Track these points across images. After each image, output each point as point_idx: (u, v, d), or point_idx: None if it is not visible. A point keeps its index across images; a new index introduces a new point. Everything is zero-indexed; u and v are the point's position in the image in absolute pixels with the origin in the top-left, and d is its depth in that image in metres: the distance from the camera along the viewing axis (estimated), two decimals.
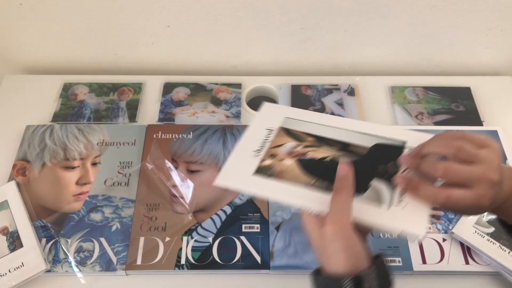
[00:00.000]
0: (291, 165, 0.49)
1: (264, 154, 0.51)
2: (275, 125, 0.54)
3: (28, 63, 0.94)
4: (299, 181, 0.47)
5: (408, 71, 0.94)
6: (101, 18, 0.82)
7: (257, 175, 0.49)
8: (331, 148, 0.50)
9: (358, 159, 0.49)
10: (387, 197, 0.45)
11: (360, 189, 0.45)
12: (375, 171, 0.47)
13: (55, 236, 0.67)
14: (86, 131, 0.77)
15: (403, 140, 0.49)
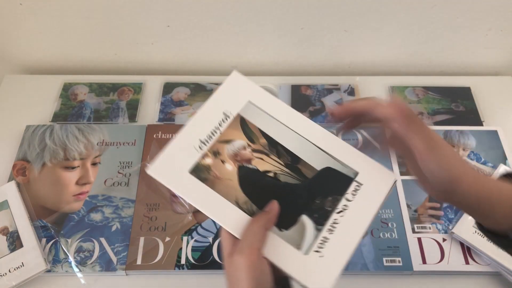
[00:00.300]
0: (230, 173, 0.45)
1: (209, 148, 0.45)
2: (233, 110, 0.47)
3: (28, 63, 0.93)
4: (230, 195, 0.43)
5: (408, 71, 0.94)
6: (101, 18, 0.82)
7: (193, 174, 0.44)
8: (280, 160, 0.45)
9: (299, 184, 0.44)
10: (309, 240, 0.41)
11: (288, 223, 0.42)
12: (311, 204, 0.43)
13: (55, 236, 0.67)
14: (86, 131, 0.77)
15: (356, 170, 0.44)
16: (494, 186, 0.40)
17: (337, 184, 0.44)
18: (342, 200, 0.43)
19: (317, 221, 0.42)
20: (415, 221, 0.68)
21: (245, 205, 0.43)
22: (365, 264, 0.64)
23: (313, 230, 0.42)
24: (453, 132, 0.77)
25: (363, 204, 0.43)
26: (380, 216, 0.68)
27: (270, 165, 0.45)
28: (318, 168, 0.45)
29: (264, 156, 0.46)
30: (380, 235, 0.66)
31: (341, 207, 0.43)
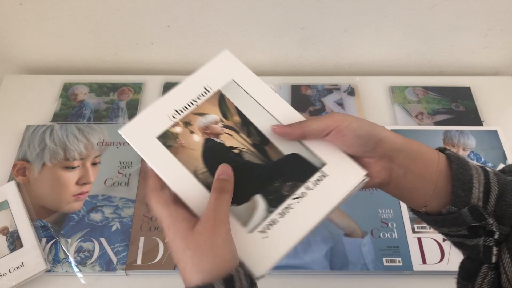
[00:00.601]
0: (196, 143, 0.45)
1: (181, 118, 0.46)
2: (215, 86, 0.47)
3: (28, 63, 0.94)
4: (190, 164, 0.43)
5: (408, 71, 0.94)
6: (101, 18, 0.82)
7: (160, 140, 0.44)
8: (248, 139, 0.45)
9: (262, 164, 0.43)
10: (257, 219, 0.41)
11: (240, 199, 0.42)
12: (269, 185, 0.42)
13: (55, 236, 0.67)
14: (86, 131, 0.77)
15: (324, 161, 0.43)
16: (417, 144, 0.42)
17: (300, 171, 0.43)
18: (302, 188, 0.42)
19: (271, 202, 0.41)
20: (415, 221, 0.68)
21: (202, 175, 0.42)
22: (365, 264, 0.64)
23: (264, 210, 0.41)
24: (453, 132, 0.77)
25: (323, 195, 0.42)
26: (380, 216, 0.68)
27: (237, 142, 0.45)
28: (285, 153, 0.44)
29: (233, 133, 0.45)
30: (380, 235, 0.66)
31: (299, 193, 0.42)
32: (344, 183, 0.42)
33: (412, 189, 0.41)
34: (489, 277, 0.38)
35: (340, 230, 0.67)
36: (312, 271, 0.64)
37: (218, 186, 0.40)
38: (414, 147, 0.41)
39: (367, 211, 0.68)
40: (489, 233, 0.38)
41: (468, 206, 0.37)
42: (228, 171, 0.41)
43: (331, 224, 0.67)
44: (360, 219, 0.67)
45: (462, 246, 0.42)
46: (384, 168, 0.41)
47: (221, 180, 0.41)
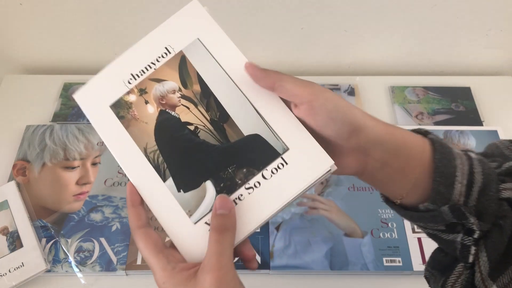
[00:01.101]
0: (150, 116, 0.40)
1: (136, 85, 0.41)
2: (177, 46, 0.41)
3: (28, 63, 0.94)
4: (141, 140, 0.39)
5: (408, 71, 0.94)
6: (101, 18, 0.82)
7: (112, 109, 0.40)
8: (206, 114, 0.40)
9: (217, 145, 0.39)
10: (204, 209, 0.37)
11: (189, 186, 0.38)
12: (222, 171, 0.38)
13: (55, 236, 0.67)
14: (86, 131, 0.77)
15: (287, 146, 0.38)
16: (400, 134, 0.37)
17: (259, 155, 0.38)
18: (257, 176, 0.38)
19: (221, 191, 0.38)
20: None
21: (152, 154, 0.39)
22: (365, 264, 0.64)
23: (213, 200, 0.37)
24: (453, 132, 0.77)
25: (279, 187, 0.37)
26: (380, 216, 0.68)
27: (194, 117, 0.40)
28: (245, 133, 0.39)
29: (191, 105, 0.40)
30: (380, 235, 0.66)
31: (253, 183, 0.37)
32: (303, 176, 0.37)
33: (389, 182, 0.37)
34: (463, 276, 0.36)
35: (340, 230, 0.67)
36: (312, 271, 0.64)
37: (217, 225, 0.35)
38: (397, 139, 0.36)
39: (367, 211, 0.68)
40: (468, 231, 0.35)
41: (449, 204, 0.34)
42: (228, 204, 0.36)
43: (331, 224, 0.67)
44: (360, 219, 0.67)
45: (436, 239, 0.38)
46: (357, 160, 0.37)
47: (220, 216, 0.35)
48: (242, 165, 0.38)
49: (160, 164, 0.39)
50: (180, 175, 0.39)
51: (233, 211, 0.36)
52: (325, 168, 0.37)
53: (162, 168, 0.39)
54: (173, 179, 0.39)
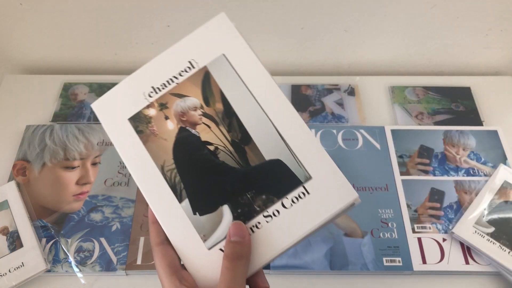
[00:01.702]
0: (169, 132, 0.39)
1: (157, 99, 0.39)
2: (202, 61, 0.40)
3: (28, 63, 0.94)
4: (159, 157, 0.38)
5: (408, 71, 0.94)
6: (101, 18, 0.82)
7: (131, 122, 0.39)
8: (228, 134, 0.38)
9: (237, 168, 0.37)
10: (219, 235, 0.36)
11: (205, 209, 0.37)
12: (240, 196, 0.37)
13: (55, 236, 0.67)
14: (86, 131, 0.77)
15: (309, 174, 0.36)
16: None
17: (280, 182, 0.36)
18: (277, 204, 0.36)
19: (238, 217, 0.36)
20: (415, 221, 0.68)
21: (169, 172, 0.38)
22: (365, 264, 0.64)
23: (229, 226, 0.36)
24: (453, 132, 0.77)
25: (299, 218, 0.36)
26: (380, 216, 0.68)
27: (214, 137, 0.39)
28: (267, 157, 0.37)
29: (212, 124, 0.39)
30: (380, 235, 0.66)
31: (272, 211, 0.36)
32: (325, 208, 0.35)
33: None
34: None
35: (340, 230, 0.67)
36: (312, 271, 0.64)
37: (230, 252, 0.34)
38: None
39: (367, 211, 0.68)
40: None
41: None
42: (243, 231, 0.35)
43: (331, 224, 0.67)
44: (360, 219, 0.67)
45: None
46: None
47: (233, 244, 0.34)
48: (261, 191, 0.37)
49: (177, 183, 0.37)
50: (197, 197, 0.37)
51: (248, 239, 0.35)
52: (349, 201, 0.35)
53: (179, 188, 0.38)
54: (190, 200, 0.37)
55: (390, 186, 0.71)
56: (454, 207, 0.69)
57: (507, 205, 0.67)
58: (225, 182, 0.37)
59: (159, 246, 0.36)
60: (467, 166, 0.74)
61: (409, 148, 0.75)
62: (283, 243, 0.35)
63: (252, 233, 0.36)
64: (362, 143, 0.76)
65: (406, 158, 0.74)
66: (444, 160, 0.74)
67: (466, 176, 0.72)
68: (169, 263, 0.35)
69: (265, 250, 0.35)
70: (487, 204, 0.67)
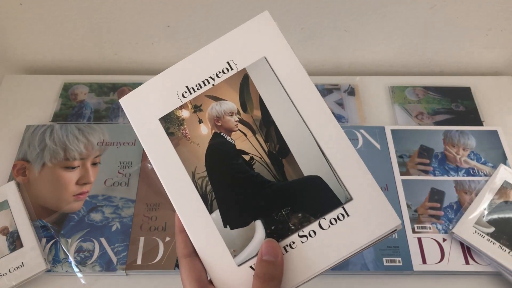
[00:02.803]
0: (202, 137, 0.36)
1: (191, 100, 0.37)
2: (241, 63, 0.37)
3: (28, 63, 0.93)
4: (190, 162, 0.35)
5: (408, 71, 0.94)
6: (101, 18, 0.82)
7: (161, 122, 0.37)
8: (265, 144, 0.36)
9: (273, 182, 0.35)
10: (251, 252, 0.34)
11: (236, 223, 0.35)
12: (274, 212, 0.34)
13: (55, 236, 0.67)
14: (86, 131, 0.77)
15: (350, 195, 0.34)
16: None
17: (318, 201, 0.34)
18: (313, 224, 0.34)
19: (271, 234, 0.34)
20: (415, 221, 0.68)
21: (200, 180, 0.36)
22: (365, 264, 0.64)
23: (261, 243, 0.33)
24: (453, 132, 0.77)
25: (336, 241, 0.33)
26: None
27: (250, 146, 0.36)
28: (306, 173, 0.35)
29: (249, 132, 0.36)
30: None
31: (308, 231, 0.34)
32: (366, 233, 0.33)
33: None
34: None
35: None
36: None
37: (262, 272, 0.32)
38: None
39: None
40: None
41: None
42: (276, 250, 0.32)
43: None
44: None
45: None
46: None
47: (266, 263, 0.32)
48: (298, 209, 0.34)
49: (208, 193, 0.35)
50: (229, 209, 0.35)
51: (281, 259, 0.32)
52: (391, 227, 0.33)
53: (210, 198, 0.35)
54: (221, 212, 0.35)
55: (390, 186, 0.71)
56: (454, 207, 0.69)
57: (507, 205, 0.67)
58: (260, 195, 0.35)
59: (186, 258, 0.34)
60: (467, 166, 0.74)
61: (409, 148, 0.75)
62: (317, 266, 0.33)
63: (285, 252, 0.34)
64: (362, 143, 0.76)
65: (406, 158, 0.74)
66: (444, 160, 0.74)
67: (466, 176, 0.72)
68: (197, 277, 0.33)
69: (298, 272, 0.33)
70: (487, 204, 0.67)
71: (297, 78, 0.36)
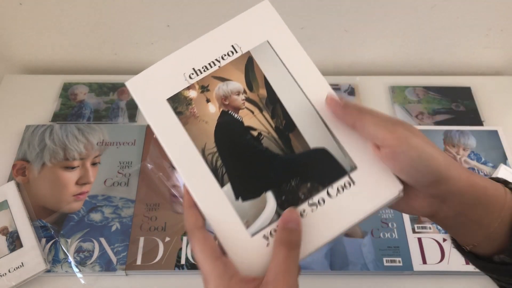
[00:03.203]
0: (210, 115, 0.38)
1: (198, 81, 0.39)
2: (245, 46, 0.39)
3: (28, 63, 0.93)
4: (199, 140, 0.37)
5: (408, 71, 0.94)
6: (101, 18, 0.82)
7: (169, 103, 0.38)
8: (271, 121, 0.38)
9: (281, 155, 0.37)
10: (263, 222, 0.35)
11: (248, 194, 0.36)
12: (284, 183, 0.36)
13: (55, 236, 0.66)
14: (86, 131, 0.77)
15: (355, 164, 0.36)
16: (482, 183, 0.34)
17: (325, 171, 0.36)
18: (322, 193, 0.36)
19: (282, 204, 0.35)
20: (415, 221, 0.68)
21: (210, 156, 0.37)
22: (365, 264, 0.63)
23: (273, 212, 0.35)
24: (453, 132, 0.77)
25: (345, 208, 0.35)
26: (380, 216, 0.68)
27: (257, 122, 0.38)
28: (312, 145, 0.37)
29: (256, 109, 0.38)
30: (380, 235, 0.66)
31: (317, 199, 0.35)
32: (371, 198, 0.35)
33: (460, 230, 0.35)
34: None
35: None
36: (312, 271, 0.64)
37: (287, 240, 0.33)
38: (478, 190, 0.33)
39: None
40: None
41: None
42: (298, 218, 0.34)
43: None
44: None
45: None
46: (431, 205, 0.35)
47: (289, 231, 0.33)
48: (306, 179, 0.36)
49: (218, 167, 0.36)
50: (240, 182, 0.36)
51: (301, 226, 0.34)
52: (394, 194, 0.35)
53: (220, 172, 0.36)
54: (232, 185, 0.36)
55: None
56: None
57: None
58: (269, 168, 0.36)
59: (199, 230, 0.35)
60: (467, 166, 0.73)
61: None
62: (328, 233, 0.35)
63: None
64: None
65: None
66: None
67: None
68: (211, 247, 0.34)
69: (309, 240, 0.34)
70: None
71: (298, 58, 0.39)
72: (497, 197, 0.34)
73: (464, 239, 0.36)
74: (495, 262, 0.34)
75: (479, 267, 0.36)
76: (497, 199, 0.34)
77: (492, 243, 0.34)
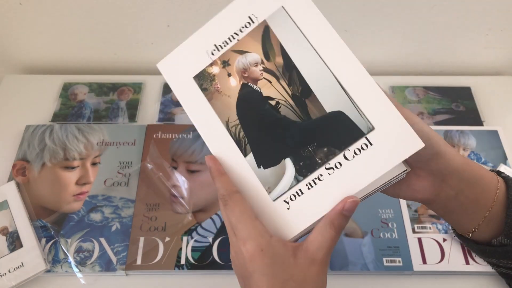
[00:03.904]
0: (232, 89, 0.40)
1: (220, 56, 0.41)
2: (261, 15, 0.40)
3: (28, 63, 0.93)
4: (223, 114, 0.39)
5: (408, 71, 0.94)
6: (101, 18, 0.82)
7: (195, 80, 0.41)
8: (288, 88, 0.39)
9: (298, 122, 0.38)
10: (283, 187, 0.37)
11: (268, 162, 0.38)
12: (302, 149, 0.37)
13: (55, 236, 0.67)
14: (86, 131, 0.77)
15: (372, 125, 0.36)
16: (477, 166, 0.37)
17: (341, 134, 0.36)
18: (339, 156, 0.36)
19: (300, 170, 0.37)
20: (415, 221, 0.68)
21: (233, 128, 0.39)
22: (365, 264, 0.63)
23: (292, 178, 0.37)
24: (453, 132, 0.77)
25: (362, 170, 0.35)
26: (380, 216, 0.68)
27: (275, 92, 0.39)
28: (328, 109, 0.37)
29: (273, 79, 0.39)
30: (380, 235, 0.66)
31: (334, 163, 0.36)
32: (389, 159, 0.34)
33: (461, 213, 0.37)
34: None
35: None
36: None
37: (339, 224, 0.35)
38: (474, 170, 0.36)
39: (367, 211, 0.68)
40: None
41: None
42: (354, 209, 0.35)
43: None
44: (360, 219, 0.67)
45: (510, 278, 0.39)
46: (433, 186, 0.37)
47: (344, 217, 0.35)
48: (323, 144, 0.37)
49: (241, 139, 0.39)
50: (261, 151, 0.39)
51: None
52: (414, 149, 0.34)
53: (243, 143, 0.39)
54: (254, 154, 0.39)
55: None
56: None
57: None
58: (287, 136, 0.38)
59: (237, 193, 0.37)
60: None
61: None
62: (344, 195, 0.36)
63: (314, 185, 0.36)
64: None
65: None
66: None
67: None
68: (250, 209, 0.36)
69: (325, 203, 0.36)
70: None
71: (314, 21, 0.40)
72: (491, 179, 0.37)
73: (465, 224, 0.38)
74: (493, 245, 0.36)
75: (479, 252, 0.38)
76: (491, 181, 0.36)
77: (490, 227, 0.36)
